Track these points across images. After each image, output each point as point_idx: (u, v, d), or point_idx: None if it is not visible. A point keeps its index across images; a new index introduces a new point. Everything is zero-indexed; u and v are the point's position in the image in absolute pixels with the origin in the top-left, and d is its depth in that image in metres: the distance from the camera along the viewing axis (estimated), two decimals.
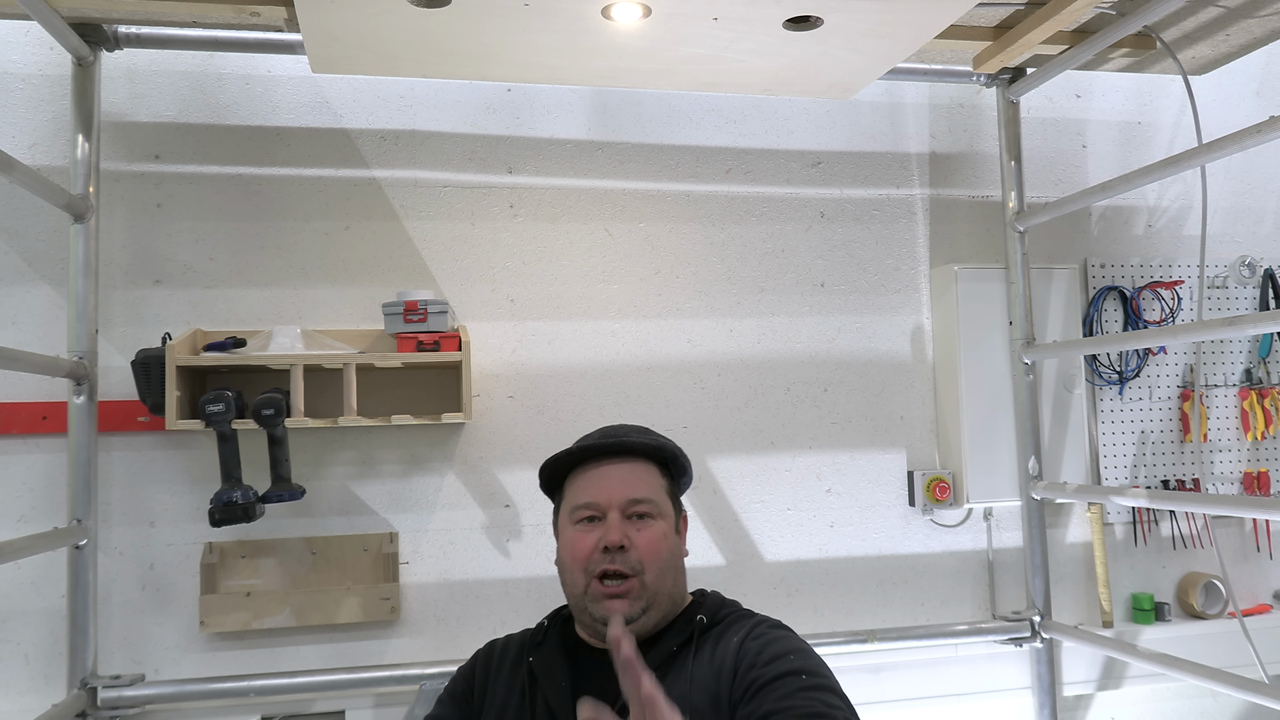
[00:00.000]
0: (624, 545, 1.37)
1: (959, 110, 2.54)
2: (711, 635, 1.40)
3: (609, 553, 1.37)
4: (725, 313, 2.36)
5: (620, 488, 1.41)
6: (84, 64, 1.93)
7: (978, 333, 2.38)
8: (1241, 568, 2.58)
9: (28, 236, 2.04)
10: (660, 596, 1.39)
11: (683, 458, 1.51)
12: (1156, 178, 1.99)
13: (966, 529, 2.44)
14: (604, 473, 1.43)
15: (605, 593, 1.36)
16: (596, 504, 1.41)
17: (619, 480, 1.42)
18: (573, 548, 1.40)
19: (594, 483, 1.43)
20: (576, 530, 1.41)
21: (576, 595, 1.40)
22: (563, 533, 1.45)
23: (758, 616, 1.45)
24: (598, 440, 1.47)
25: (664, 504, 1.45)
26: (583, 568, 1.38)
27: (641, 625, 1.37)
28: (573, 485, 1.46)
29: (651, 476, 1.46)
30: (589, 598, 1.38)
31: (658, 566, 1.39)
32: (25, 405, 2.00)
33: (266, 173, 2.15)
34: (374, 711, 2.06)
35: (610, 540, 1.37)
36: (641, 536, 1.39)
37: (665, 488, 1.47)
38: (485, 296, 2.24)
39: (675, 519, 1.47)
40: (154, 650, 2.03)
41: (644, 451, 1.47)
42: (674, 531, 1.45)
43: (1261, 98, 2.73)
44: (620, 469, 1.44)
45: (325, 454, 2.13)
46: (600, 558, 1.37)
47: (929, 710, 2.33)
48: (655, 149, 2.35)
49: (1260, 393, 2.59)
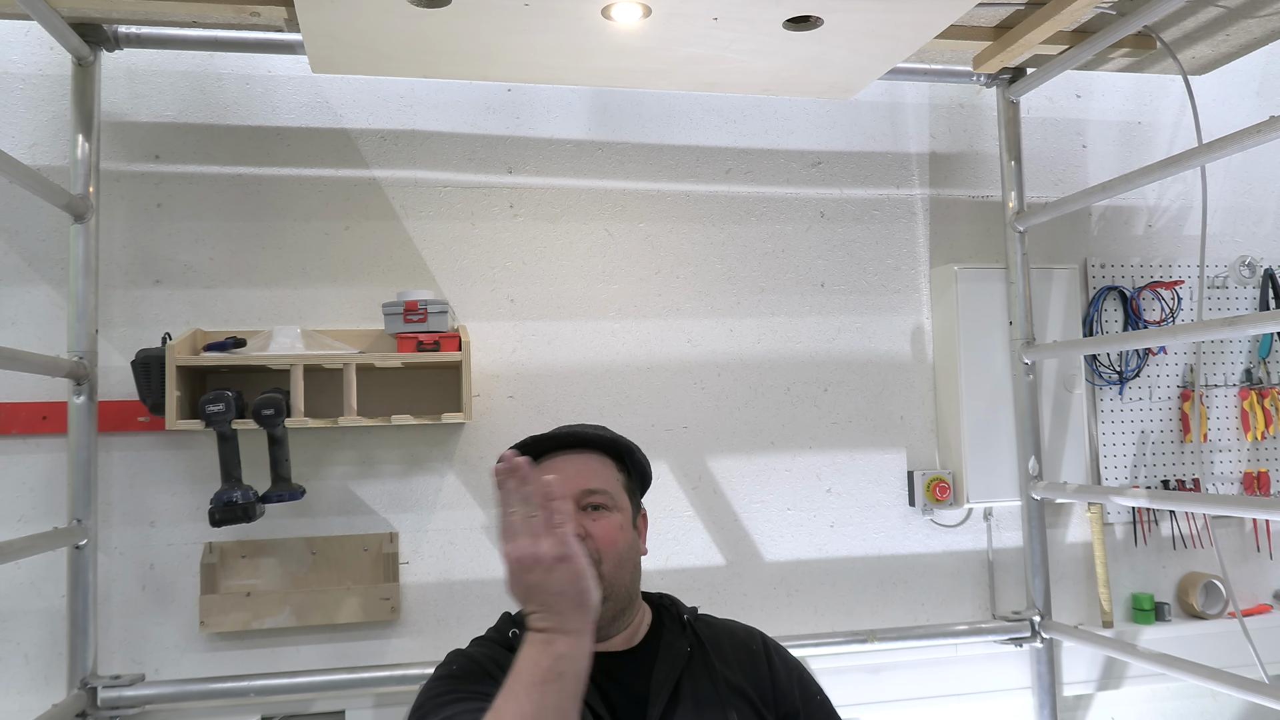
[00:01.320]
0: (579, 534, 1.27)
1: (959, 110, 2.54)
2: (705, 633, 1.43)
3: None
4: (725, 313, 2.36)
5: (574, 478, 1.37)
6: (84, 64, 1.93)
7: (978, 333, 2.38)
8: (1241, 568, 2.58)
9: (28, 236, 2.04)
10: (618, 588, 1.35)
11: (639, 455, 1.47)
12: (1156, 178, 1.99)
13: (966, 529, 2.44)
14: (557, 464, 1.39)
15: None
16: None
17: (573, 471, 1.38)
18: None
19: (547, 471, 1.37)
20: None
21: None
22: None
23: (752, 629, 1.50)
24: (548, 434, 1.42)
25: (620, 497, 1.41)
26: None
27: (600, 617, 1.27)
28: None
29: (606, 469, 1.42)
30: None
31: (615, 556, 1.34)
32: (25, 405, 2.00)
33: (266, 173, 2.15)
34: (374, 711, 2.06)
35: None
36: (597, 526, 1.34)
37: (622, 483, 1.43)
38: (485, 296, 2.24)
39: (633, 514, 1.44)
40: (154, 650, 2.03)
41: (597, 444, 1.43)
42: (631, 526, 1.41)
43: (1261, 98, 2.73)
44: (573, 460, 1.40)
45: (325, 454, 2.13)
46: None
47: (929, 710, 2.33)
48: (655, 149, 2.35)
49: (1260, 393, 2.59)
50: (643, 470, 1.50)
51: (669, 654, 1.37)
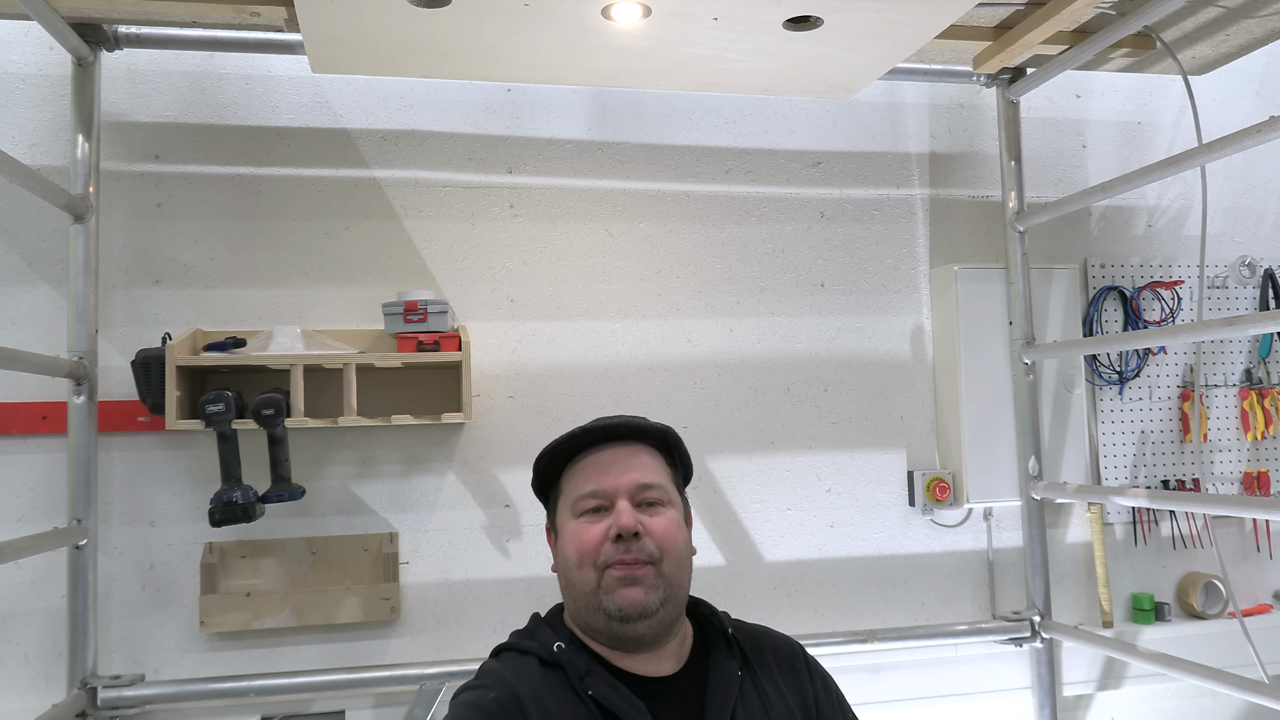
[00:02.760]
0: (638, 532, 1.22)
1: (959, 110, 2.54)
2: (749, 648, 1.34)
3: (622, 541, 1.21)
4: (725, 313, 2.36)
5: (629, 472, 1.26)
6: (84, 64, 1.93)
7: (978, 333, 2.38)
8: (1241, 568, 2.58)
9: (28, 236, 2.04)
10: (678, 590, 1.26)
11: (684, 447, 1.39)
12: (1156, 178, 1.99)
13: (966, 529, 2.44)
14: (608, 458, 1.29)
15: (621, 575, 1.21)
16: (603, 491, 1.25)
17: (626, 465, 1.27)
18: (579, 541, 1.24)
19: (598, 469, 1.28)
20: (580, 523, 1.25)
21: (588, 593, 1.23)
22: (564, 528, 1.28)
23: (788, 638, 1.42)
24: (597, 424, 1.31)
25: (673, 492, 1.31)
26: (592, 562, 1.22)
27: (658, 623, 1.23)
28: (572, 477, 1.31)
29: (658, 462, 1.32)
30: (602, 590, 1.21)
31: (675, 555, 1.25)
32: (25, 405, 2.00)
33: (266, 173, 2.15)
34: (374, 711, 2.06)
35: (624, 525, 1.21)
36: (656, 523, 1.25)
37: (672, 476, 1.34)
38: (485, 296, 2.24)
39: (684, 511, 1.35)
40: (154, 650, 2.03)
41: (648, 435, 1.33)
42: (685, 523, 1.32)
43: (1261, 98, 2.73)
44: (625, 452, 1.29)
45: (325, 454, 2.13)
46: (611, 549, 1.22)
47: (929, 710, 2.33)
48: (655, 149, 2.35)
49: (1260, 393, 2.59)
50: (688, 463, 1.40)
51: (720, 678, 1.27)
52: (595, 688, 1.21)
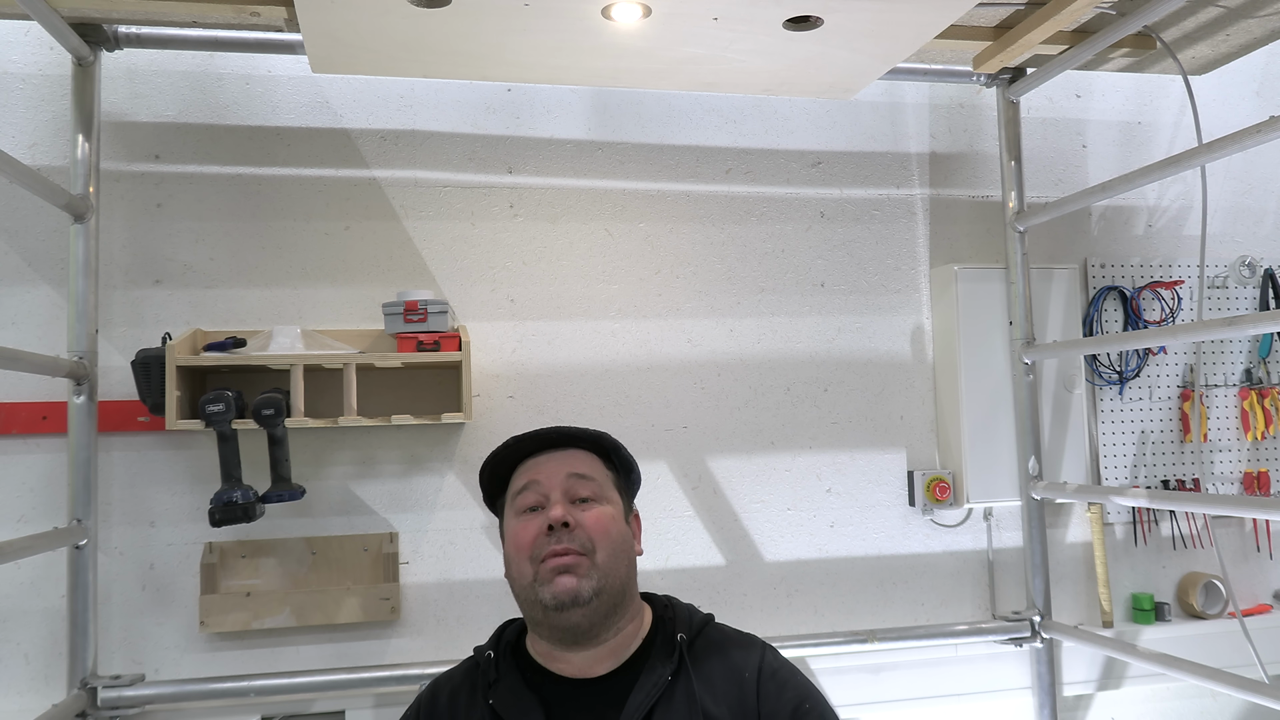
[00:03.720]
0: (568, 522, 1.30)
1: (959, 110, 2.54)
2: (701, 656, 1.34)
3: (554, 532, 1.29)
4: (725, 313, 2.36)
5: (560, 464, 1.36)
6: (84, 64, 1.93)
7: (978, 333, 2.38)
8: (1241, 568, 2.58)
9: (28, 236, 2.04)
10: (612, 580, 1.30)
11: (625, 452, 1.45)
12: (1156, 178, 1.99)
13: (966, 529, 2.44)
14: (544, 459, 1.38)
15: (554, 567, 1.28)
16: (537, 483, 1.35)
17: (559, 462, 1.37)
18: (516, 537, 1.33)
19: (533, 468, 1.38)
20: (519, 520, 1.34)
21: (525, 586, 1.31)
22: (509, 528, 1.37)
23: (756, 641, 1.41)
24: (530, 433, 1.41)
25: (609, 491, 1.39)
26: (528, 555, 1.30)
27: (593, 612, 1.28)
28: (516, 479, 1.40)
29: (593, 463, 1.40)
30: (539, 583, 1.28)
31: (609, 545, 1.31)
32: (25, 405, 2.00)
33: (266, 173, 2.15)
34: (374, 711, 2.05)
35: (554, 516, 1.30)
36: (588, 515, 1.32)
37: (611, 479, 1.41)
38: (485, 296, 2.24)
39: (626, 511, 1.41)
40: (154, 650, 2.03)
41: (581, 441, 1.42)
42: (624, 520, 1.39)
43: (1261, 98, 2.73)
44: (562, 454, 1.39)
45: (325, 454, 2.13)
46: (545, 540, 1.29)
47: (929, 710, 2.33)
48: (655, 149, 2.35)
49: (1260, 393, 2.59)
50: (629, 468, 1.46)
51: (646, 682, 1.30)
52: (497, 696, 1.31)
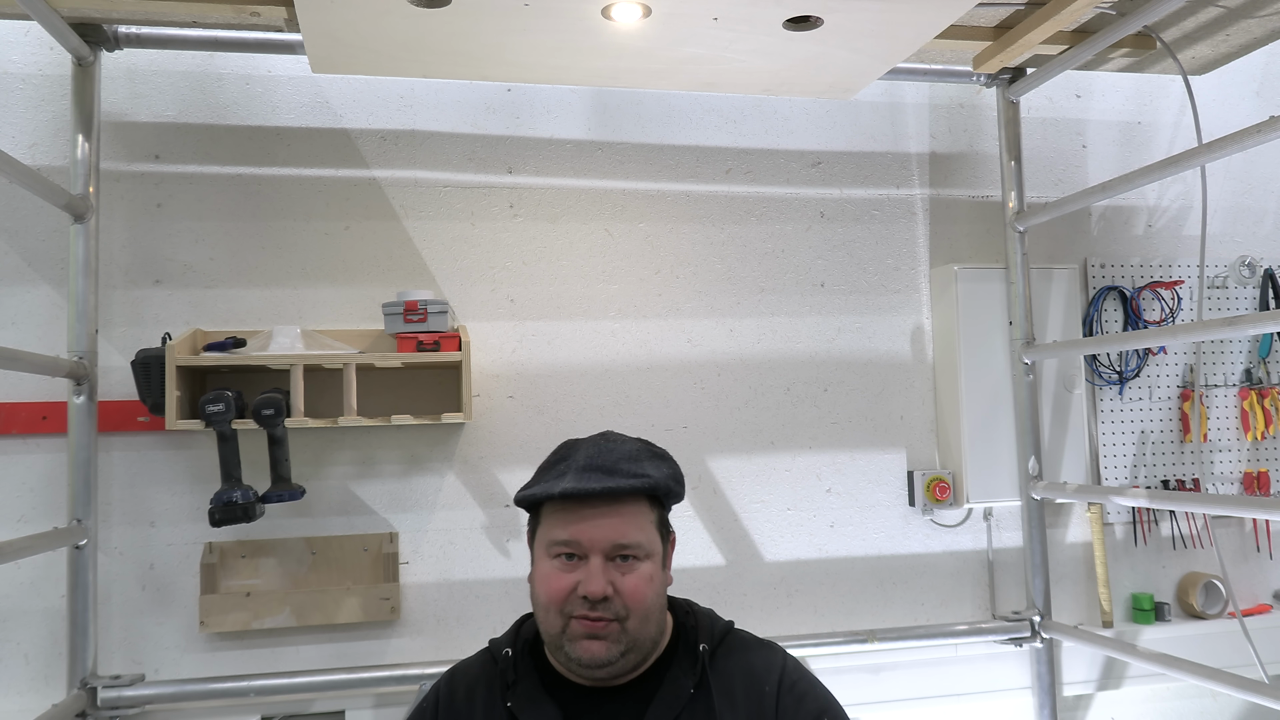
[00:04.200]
0: (607, 596, 1.24)
1: (959, 110, 2.54)
2: (722, 666, 1.33)
3: (588, 602, 1.24)
4: (725, 313, 2.36)
5: (606, 530, 1.26)
6: (84, 64, 1.93)
7: (978, 333, 2.38)
8: (1241, 568, 2.58)
9: (28, 236, 2.04)
10: (643, 642, 1.28)
11: (675, 484, 1.36)
12: (1156, 178, 1.99)
13: (966, 529, 2.44)
14: (588, 512, 1.26)
15: (585, 631, 1.24)
16: (578, 543, 1.26)
17: (605, 523, 1.26)
18: (548, 585, 1.26)
19: (575, 520, 1.26)
20: (552, 566, 1.27)
21: (553, 634, 1.27)
22: (537, 562, 1.30)
23: (777, 650, 1.39)
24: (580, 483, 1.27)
25: (653, 542, 1.30)
26: (559, 609, 1.25)
27: (618, 669, 1.27)
28: (551, 513, 1.29)
29: (641, 514, 1.30)
30: (566, 638, 1.26)
31: (642, 613, 1.27)
32: (25, 405, 2.00)
33: (266, 173, 2.15)
34: (374, 711, 2.05)
35: (591, 591, 1.23)
36: (627, 582, 1.25)
37: (655, 521, 1.32)
38: (485, 296, 2.24)
39: (664, 551, 1.34)
40: (154, 650, 2.03)
41: (638, 492, 1.30)
42: (661, 568, 1.32)
43: (1261, 98, 2.73)
44: (607, 509, 1.27)
45: (325, 454, 2.13)
46: (578, 603, 1.24)
47: (929, 710, 2.33)
48: (655, 149, 2.35)
49: (1260, 393, 2.59)
50: (679, 496, 1.38)
51: (668, 693, 1.28)
52: (515, 699, 1.29)
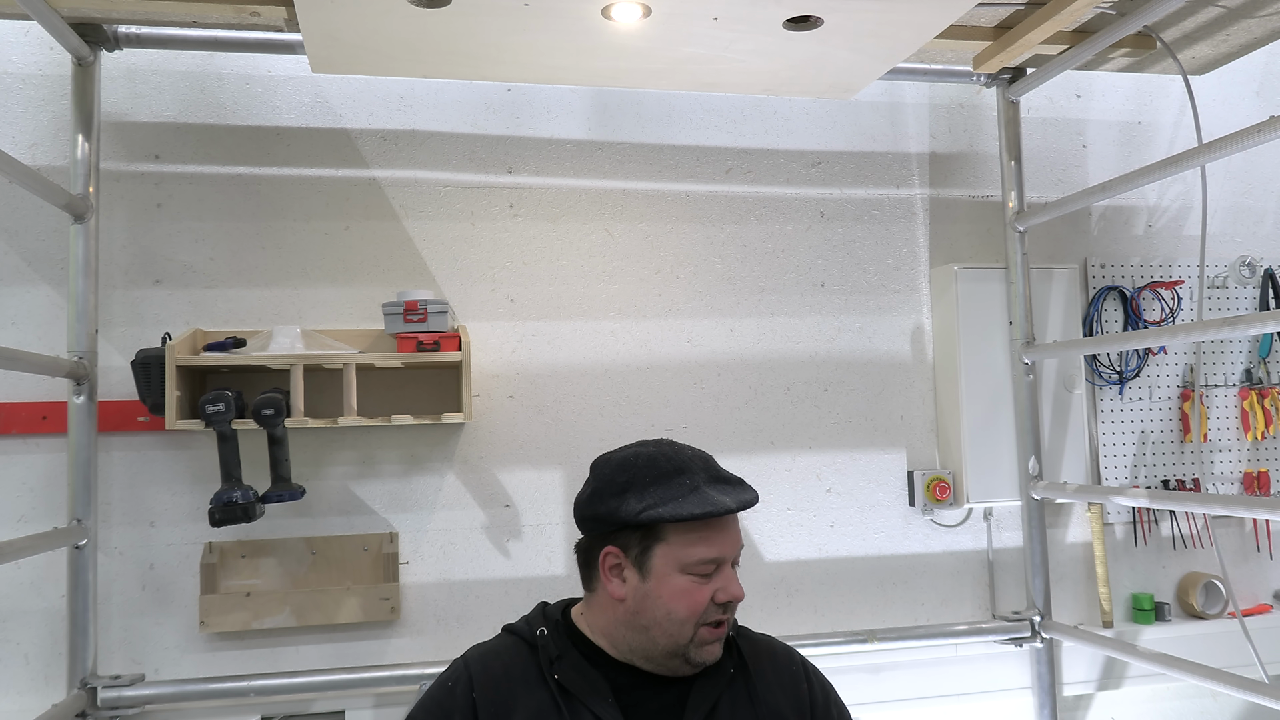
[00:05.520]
0: (737, 601, 1.37)
1: (959, 110, 2.54)
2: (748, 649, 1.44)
3: (723, 605, 1.35)
4: (725, 313, 2.36)
5: (736, 540, 1.40)
6: (84, 64, 1.93)
7: (978, 333, 2.38)
8: (1241, 568, 2.58)
9: (28, 236, 2.04)
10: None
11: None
12: (1156, 178, 1.99)
13: (966, 529, 2.44)
14: (720, 525, 1.37)
15: (714, 637, 1.35)
16: (722, 559, 1.37)
17: (735, 533, 1.40)
18: (690, 600, 1.34)
19: (716, 534, 1.36)
20: (692, 582, 1.34)
21: (679, 644, 1.34)
22: (667, 579, 1.34)
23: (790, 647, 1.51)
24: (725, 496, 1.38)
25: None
26: (696, 619, 1.34)
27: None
28: (684, 532, 1.35)
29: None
30: (694, 644, 1.34)
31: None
32: (25, 405, 2.00)
33: (266, 173, 2.15)
34: (374, 711, 2.05)
35: (737, 595, 1.36)
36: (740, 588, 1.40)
37: None
38: (485, 296, 2.24)
39: None
40: (154, 650, 2.03)
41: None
42: None
43: (1261, 98, 2.73)
44: (733, 520, 1.40)
45: (325, 454, 2.13)
46: (714, 609, 1.35)
47: (929, 710, 2.33)
48: (655, 149, 2.35)
49: (1260, 393, 2.59)
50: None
51: (711, 673, 1.38)
52: (562, 672, 1.34)
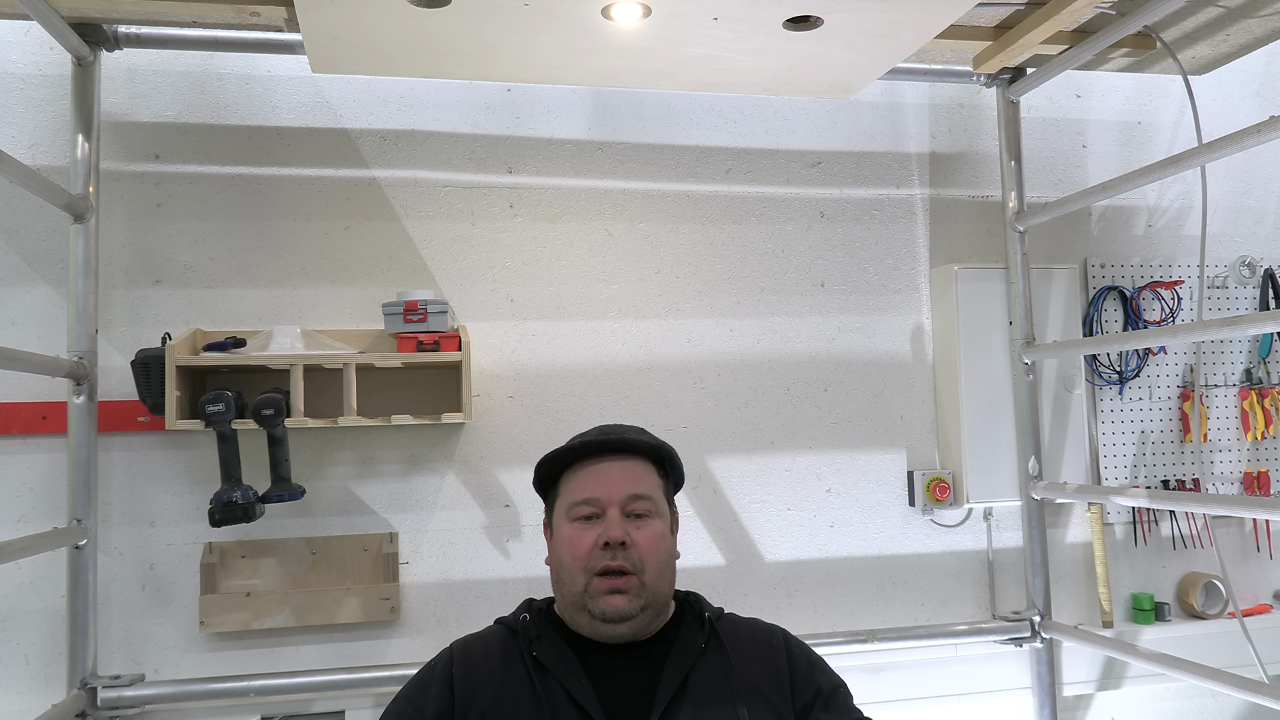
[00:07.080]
0: (625, 541, 1.36)
1: (959, 110, 2.54)
2: (727, 629, 1.45)
3: (609, 549, 1.36)
4: (725, 313, 2.36)
5: (621, 484, 1.40)
6: (84, 64, 1.93)
7: (978, 333, 2.38)
8: (1241, 568, 2.58)
9: (28, 236, 2.04)
10: (658, 596, 1.40)
11: (678, 460, 1.51)
12: (1156, 178, 1.99)
13: (966, 529, 2.44)
14: (604, 469, 1.42)
15: (607, 587, 1.35)
16: (596, 499, 1.39)
17: (620, 477, 1.41)
18: (572, 545, 1.38)
19: (593, 478, 1.41)
20: (575, 527, 1.39)
21: (576, 594, 1.38)
22: (559, 530, 1.43)
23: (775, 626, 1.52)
24: (596, 437, 1.45)
25: (662, 503, 1.44)
26: (583, 566, 1.36)
27: (638, 624, 1.37)
28: (570, 482, 1.44)
29: (650, 475, 1.45)
30: (589, 595, 1.36)
31: (657, 565, 1.39)
32: (25, 405, 2.00)
33: (266, 173, 2.15)
34: (374, 711, 2.05)
35: (612, 536, 1.36)
36: (641, 535, 1.38)
37: (662, 488, 1.47)
38: (485, 296, 2.24)
39: (671, 520, 1.47)
40: (154, 650, 2.03)
41: (643, 450, 1.46)
42: (670, 532, 1.45)
43: (1261, 98, 2.73)
44: (620, 466, 1.43)
45: (325, 454, 2.13)
46: (600, 554, 1.36)
47: (929, 710, 2.33)
48: (655, 149, 2.35)
49: (1260, 393, 2.59)
50: (680, 474, 1.53)
51: (682, 648, 1.39)
52: (540, 650, 1.39)
